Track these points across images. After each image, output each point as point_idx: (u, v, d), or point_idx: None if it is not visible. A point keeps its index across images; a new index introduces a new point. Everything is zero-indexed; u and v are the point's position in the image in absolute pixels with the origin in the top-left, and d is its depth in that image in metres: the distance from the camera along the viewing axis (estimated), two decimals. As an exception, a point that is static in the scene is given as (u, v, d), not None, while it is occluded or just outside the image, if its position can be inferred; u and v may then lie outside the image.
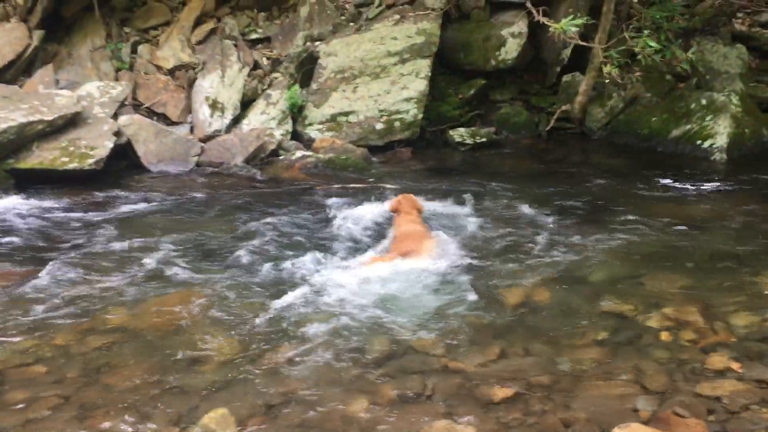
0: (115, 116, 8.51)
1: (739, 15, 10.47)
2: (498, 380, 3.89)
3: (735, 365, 3.89)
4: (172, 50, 9.97)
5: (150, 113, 9.33)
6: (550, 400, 3.71)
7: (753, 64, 9.85)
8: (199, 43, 10.19)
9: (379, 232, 6.13)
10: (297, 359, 4.12)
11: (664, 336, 4.32)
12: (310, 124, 9.22)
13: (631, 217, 6.33)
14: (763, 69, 9.87)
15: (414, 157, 8.92)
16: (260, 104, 9.38)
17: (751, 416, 3.43)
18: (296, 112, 9.28)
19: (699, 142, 8.43)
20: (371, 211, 6.62)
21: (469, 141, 9.21)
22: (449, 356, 4.13)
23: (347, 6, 10.67)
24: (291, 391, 3.81)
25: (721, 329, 4.36)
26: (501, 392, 3.77)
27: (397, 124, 9.13)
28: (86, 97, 8.55)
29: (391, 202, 6.28)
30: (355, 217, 6.46)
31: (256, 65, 9.97)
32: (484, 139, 9.24)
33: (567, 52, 9.78)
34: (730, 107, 8.47)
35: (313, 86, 9.49)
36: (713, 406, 3.54)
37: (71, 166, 7.63)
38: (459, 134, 9.31)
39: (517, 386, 3.82)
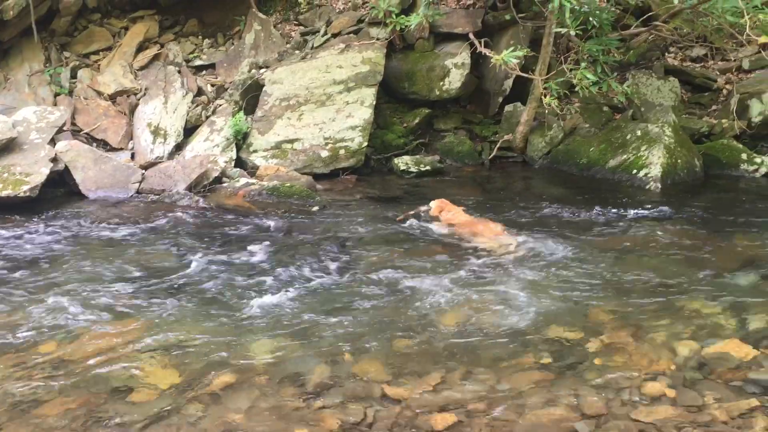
0: (53, 142, 8.32)
1: (672, 50, 10.90)
2: (439, 407, 3.90)
3: (668, 391, 3.99)
4: (113, 75, 9.83)
5: (89, 139, 9.16)
6: (490, 427, 3.73)
7: (685, 97, 10.24)
8: (142, 68, 10.08)
9: (318, 260, 6.11)
10: (235, 388, 4.05)
11: (602, 361, 4.40)
12: (255, 152, 9.18)
13: (570, 245, 6.46)
14: (694, 101, 10.27)
15: (359, 184, 8.94)
16: (204, 131, 9.30)
17: (683, 440, 3.53)
18: (241, 140, 9.22)
19: (635, 171, 8.70)
20: (315, 240, 6.63)
21: (413, 169, 9.30)
22: (390, 383, 4.13)
23: (293, 34, 10.73)
24: (229, 421, 3.74)
25: (656, 355, 4.46)
26: (442, 420, 3.78)
27: (342, 151, 9.16)
28: (22, 122, 8.34)
29: (436, 207, 7.09)
30: (297, 245, 6.44)
31: (200, 92, 9.90)
32: (428, 168, 9.34)
33: (509, 83, 10.01)
34: (663, 138, 8.77)
35: (258, 113, 9.46)
36: (647, 429, 3.62)
37: (5, 193, 7.40)
38: (404, 162, 9.39)
39: (458, 413, 3.84)
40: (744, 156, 9.06)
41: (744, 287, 5.52)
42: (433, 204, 7.17)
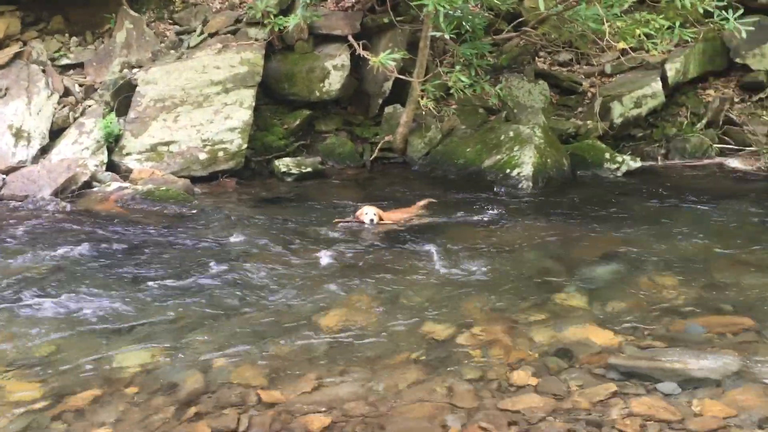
0: None
1: (541, 54, 11.42)
2: (315, 409, 3.89)
3: (534, 380, 4.17)
4: (-31, 74, 9.18)
5: (-58, 142, 8.50)
6: (366, 425, 3.76)
7: (553, 99, 10.76)
8: (2, 67, 9.47)
9: (192, 265, 5.95)
10: (102, 402, 3.88)
11: (474, 354, 4.54)
12: (128, 154, 8.83)
13: (445, 242, 6.63)
14: (562, 104, 10.81)
15: (239, 187, 8.80)
16: (72, 133, 8.85)
17: (547, 427, 3.68)
18: (113, 142, 8.84)
19: (508, 170, 9.03)
20: (188, 245, 6.46)
21: (294, 171, 9.24)
22: (266, 388, 4.08)
23: (167, 33, 10.41)
24: (94, 437, 3.58)
25: (524, 346, 4.64)
26: (318, 422, 3.77)
27: (221, 154, 8.97)
28: None
29: (370, 213, 7.15)
30: (169, 250, 6.25)
31: (67, 92, 9.41)
32: (309, 169, 9.31)
33: (388, 85, 10.14)
34: (534, 139, 9.16)
35: (131, 115, 9.11)
36: (514, 419, 3.76)
37: None
38: (284, 164, 9.31)
39: (334, 414, 3.84)
40: (607, 155, 9.61)
41: (605, 277, 5.86)
42: (369, 211, 7.18)
